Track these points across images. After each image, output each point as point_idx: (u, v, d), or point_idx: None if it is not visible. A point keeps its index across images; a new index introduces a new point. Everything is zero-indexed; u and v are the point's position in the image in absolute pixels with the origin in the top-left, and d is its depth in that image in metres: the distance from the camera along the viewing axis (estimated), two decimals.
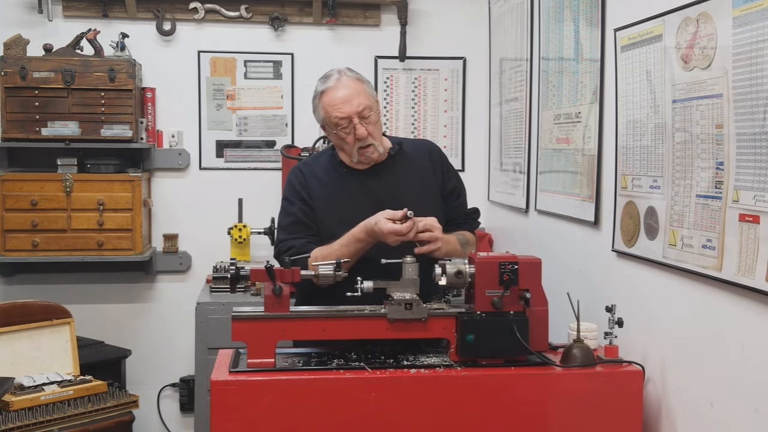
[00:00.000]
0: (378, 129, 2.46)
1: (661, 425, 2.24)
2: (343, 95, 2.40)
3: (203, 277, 4.15)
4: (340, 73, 2.46)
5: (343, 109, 2.39)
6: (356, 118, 2.39)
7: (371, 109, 2.42)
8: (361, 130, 2.40)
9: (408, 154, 2.58)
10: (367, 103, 2.41)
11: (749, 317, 1.86)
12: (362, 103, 2.40)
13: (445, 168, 2.61)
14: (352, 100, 2.39)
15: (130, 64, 3.85)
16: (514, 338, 2.15)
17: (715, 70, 1.97)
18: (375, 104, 2.46)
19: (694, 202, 2.07)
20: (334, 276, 2.22)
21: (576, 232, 2.91)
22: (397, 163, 2.54)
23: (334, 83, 2.43)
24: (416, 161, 2.57)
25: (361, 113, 2.40)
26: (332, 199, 2.50)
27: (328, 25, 4.24)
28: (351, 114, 2.39)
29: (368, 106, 2.42)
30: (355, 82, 2.44)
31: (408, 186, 2.52)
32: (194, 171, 4.24)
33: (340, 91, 2.41)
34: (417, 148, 2.62)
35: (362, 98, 2.41)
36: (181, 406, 4.22)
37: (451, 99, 4.38)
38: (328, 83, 2.44)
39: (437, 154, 2.62)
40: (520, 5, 3.59)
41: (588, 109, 2.79)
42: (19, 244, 3.79)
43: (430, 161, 2.59)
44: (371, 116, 2.42)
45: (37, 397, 3.02)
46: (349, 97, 2.40)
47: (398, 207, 2.31)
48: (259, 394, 2.08)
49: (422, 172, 2.56)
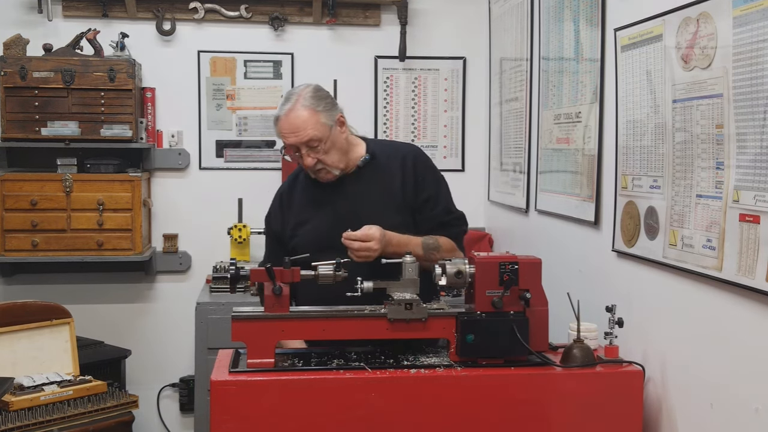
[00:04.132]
0: (332, 153, 2.46)
1: (661, 425, 2.24)
2: (290, 126, 2.42)
3: (203, 277, 4.15)
4: (297, 99, 2.44)
5: (290, 139, 2.43)
6: (304, 148, 2.42)
7: (321, 140, 2.42)
8: (308, 160, 2.43)
9: (380, 164, 2.55)
10: (315, 134, 2.40)
11: (749, 317, 1.86)
12: (309, 134, 2.40)
13: (419, 177, 2.54)
14: (298, 132, 2.41)
15: (129, 64, 3.85)
16: (514, 338, 2.15)
17: (715, 70, 1.97)
18: (324, 133, 2.43)
19: (695, 202, 2.07)
20: (334, 276, 2.22)
21: (576, 232, 2.91)
22: (364, 176, 2.53)
23: (285, 113, 2.43)
24: (386, 171, 2.54)
25: (308, 143, 2.41)
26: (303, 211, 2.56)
27: (328, 25, 4.24)
28: (298, 144, 2.42)
29: (316, 138, 2.41)
30: (308, 111, 2.42)
31: (369, 199, 2.51)
32: (194, 171, 4.24)
33: (287, 122, 2.43)
34: (392, 157, 2.57)
35: (311, 130, 2.40)
36: (181, 406, 4.22)
37: (451, 99, 4.38)
38: (282, 111, 2.45)
39: (412, 162, 2.56)
40: (520, 5, 3.59)
41: (588, 109, 2.79)
42: (18, 244, 3.79)
43: (402, 170, 2.54)
44: (320, 146, 2.42)
45: (37, 397, 3.02)
46: (296, 129, 2.41)
47: (357, 220, 2.39)
48: (259, 394, 2.08)
49: (389, 184, 2.53)
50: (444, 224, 2.55)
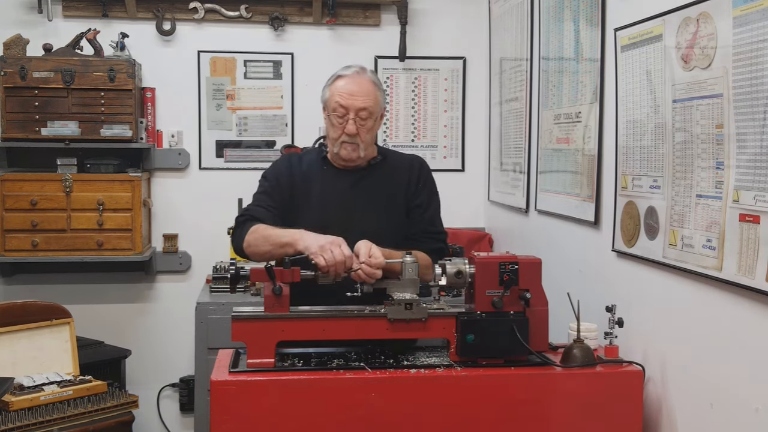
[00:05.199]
0: (369, 135, 2.49)
1: (661, 425, 2.24)
2: (352, 88, 2.46)
3: (203, 277, 4.15)
4: (363, 70, 2.52)
5: (346, 99, 2.44)
6: (353, 113, 2.44)
7: (371, 114, 2.46)
8: (352, 126, 2.44)
9: (390, 167, 2.59)
10: (370, 106, 2.45)
11: (749, 317, 1.86)
12: (366, 104, 2.45)
13: (421, 183, 2.59)
14: (357, 96, 2.44)
15: (129, 64, 3.85)
16: (514, 338, 2.16)
17: (715, 70, 1.97)
18: (377, 112, 2.50)
19: (695, 202, 2.07)
20: (334, 276, 2.22)
21: (576, 232, 2.91)
22: (375, 174, 2.56)
23: (352, 74, 2.49)
24: (395, 175, 2.58)
25: (359, 111, 2.44)
26: (307, 190, 2.54)
27: (328, 25, 4.24)
28: (350, 107, 2.44)
29: (369, 110, 2.45)
30: (371, 84, 2.49)
31: (375, 198, 2.53)
32: (194, 171, 4.24)
33: (352, 83, 2.47)
34: (401, 163, 2.62)
35: (368, 100, 2.45)
36: (181, 406, 4.22)
37: (451, 99, 4.38)
38: (347, 72, 2.50)
39: (418, 169, 2.60)
40: (520, 5, 3.59)
41: (588, 109, 2.79)
42: (18, 244, 3.79)
43: (408, 174, 2.58)
44: (368, 120, 2.46)
45: (37, 397, 3.02)
46: (358, 93, 2.45)
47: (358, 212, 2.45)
48: (259, 394, 2.08)
49: (395, 187, 2.56)
50: (426, 234, 2.56)
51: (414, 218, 2.56)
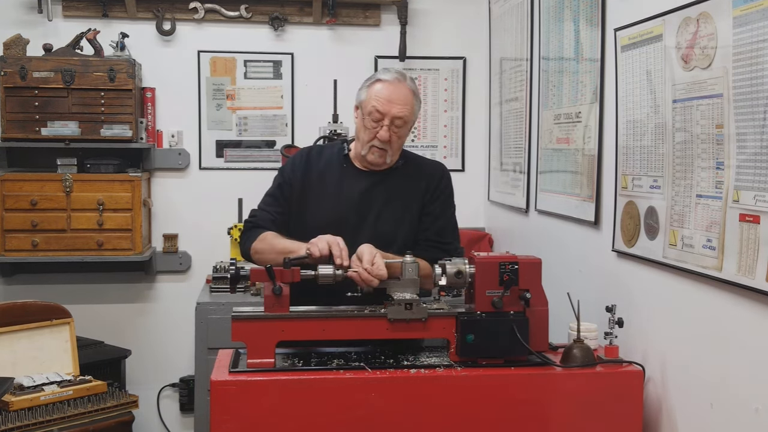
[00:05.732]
0: (399, 142, 2.49)
1: (661, 425, 2.24)
2: (392, 95, 2.43)
3: (203, 277, 4.15)
4: (403, 76, 2.49)
5: (384, 105, 2.42)
6: (388, 119, 2.42)
7: (405, 123, 2.45)
8: (385, 133, 2.42)
9: (410, 171, 2.57)
10: (406, 115, 2.44)
11: (749, 317, 1.86)
12: (403, 112, 2.43)
13: (438, 192, 2.57)
14: (395, 104, 2.42)
15: (129, 64, 3.85)
16: (514, 338, 2.16)
17: (715, 70, 1.97)
18: (412, 121, 2.49)
19: (695, 202, 2.07)
20: (334, 276, 2.23)
21: (576, 232, 2.91)
22: (393, 177, 2.55)
23: (393, 80, 2.46)
24: (414, 180, 2.56)
25: (395, 119, 2.43)
26: (322, 186, 2.54)
27: (328, 25, 4.24)
28: (387, 113, 2.42)
29: (405, 119, 2.44)
30: (409, 93, 2.47)
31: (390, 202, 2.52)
32: (194, 171, 4.24)
33: (394, 90, 2.44)
34: (423, 168, 2.61)
35: (405, 109, 2.44)
36: (181, 406, 4.22)
37: (451, 99, 4.38)
38: (388, 77, 2.47)
39: (439, 178, 2.59)
40: (520, 5, 3.59)
41: (588, 109, 2.79)
42: (19, 244, 3.79)
43: (428, 181, 2.56)
44: (402, 129, 2.45)
45: (37, 397, 3.02)
46: (396, 100, 2.43)
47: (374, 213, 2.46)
48: (259, 394, 2.08)
49: (412, 192, 2.54)
50: (430, 242, 2.52)
51: (423, 225, 2.54)
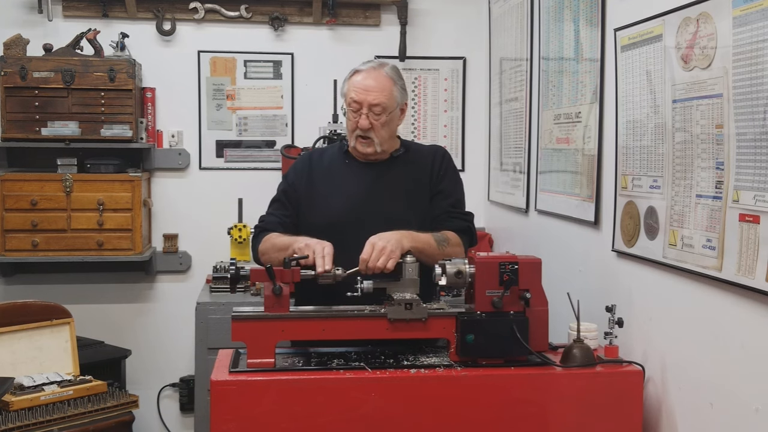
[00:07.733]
0: (386, 129, 2.51)
1: (661, 425, 2.24)
2: (366, 83, 2.47)
3: (203, 277, 4.15)
4: (381, 65, 2.54)
5: (359, 93, 2.47)
6: (366, 107, 2.46)
7: (384, 110, 2.47)
8: (364, 121, 2.46)
9: (412, 158, 2.61)
10: (383, 101, 2.46)
11: (749, 317, 1.86)
12: (378, 99, 2.46)
13: (442, 171, 2.61)
14: (371, 92, 2.46)
15: (130, 64, 3.85)
16: (514, 338, 2.15)
17: (715, 70, 1.97)
18: (392, 107, 2.50)
19: (694, 202, 2.07)
20: (334, 276, 2.23)
21: (576, 232, 2.91)
22: (398, 165, 2.58)
23: (368, 69, 2.51)
24: (417, 164, 2.60)
25: (372, 106, 2.46)
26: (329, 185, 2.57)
27: (328, 25, 4.24)
28: (363, 101, 2.46)
29: (383, 105, 2.46)
30: (386, 79, 2.50)
31: (400, 188, 2.55)
32: (194, 171, 4.24)
33: (368, 78, 2.49)
34: (423, 153, 2.65)
35: (381, 96, 2.47)
36: (181, 406, 4.22)
37: (451, 99, 4.38)
38: (364, 66, 2.53)
39: (440, 157, 2.63)
40: (520, 5, 3.59)
41: (588, 109, 2.79)
42: (19, 244, 3.79)
43: (431, 164, 2.60)
44: (381, 116, 2.47)
45: (37, 397, 3.02)
46: (372, 88, 2.47)
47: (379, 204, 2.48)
48: (259, 394, 2.08)
49: (419, 175, 2.58)
50: (450, 215, 2.57)
51: (437, 203, 2.58)
